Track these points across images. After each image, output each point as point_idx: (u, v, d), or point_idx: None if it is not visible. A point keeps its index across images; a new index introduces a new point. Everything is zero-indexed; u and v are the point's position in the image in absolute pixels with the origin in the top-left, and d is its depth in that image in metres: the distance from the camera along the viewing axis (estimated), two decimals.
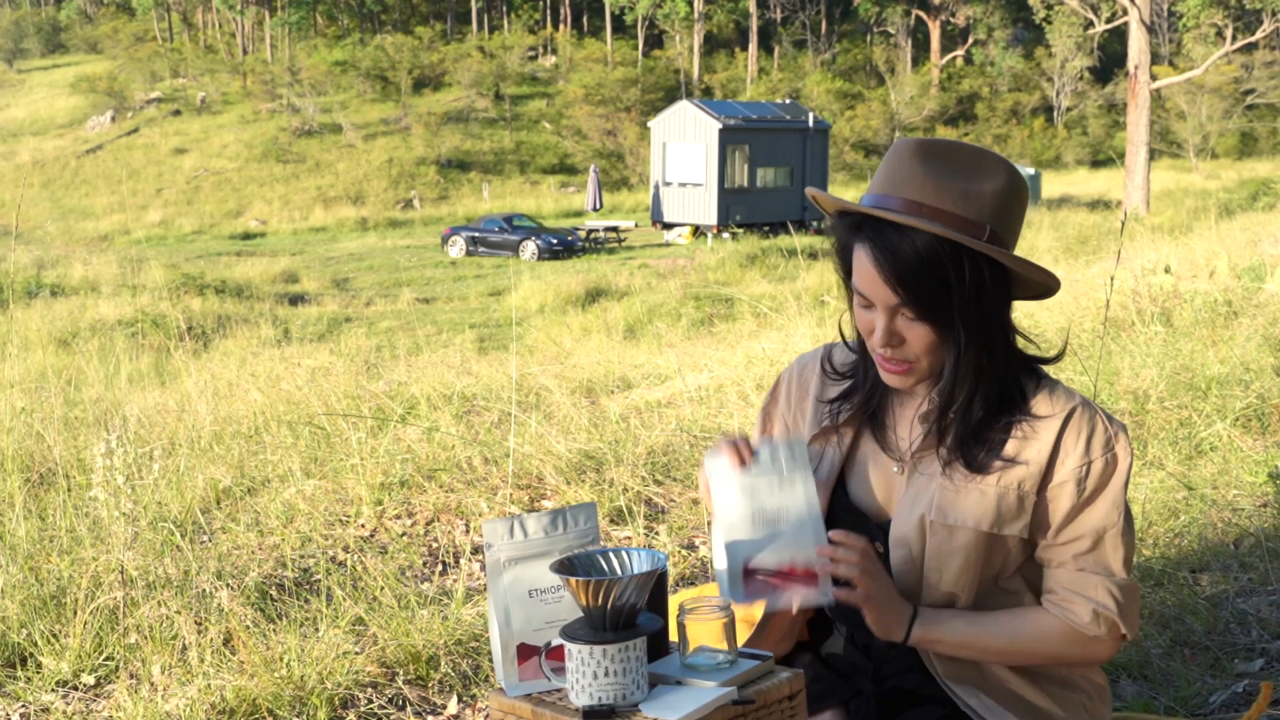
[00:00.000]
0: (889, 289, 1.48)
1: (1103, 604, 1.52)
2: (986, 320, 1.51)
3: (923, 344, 1.51)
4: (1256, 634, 2.94)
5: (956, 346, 1.51)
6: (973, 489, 1.54)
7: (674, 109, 31.90)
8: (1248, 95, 47.99)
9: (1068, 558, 1.53)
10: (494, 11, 66.77)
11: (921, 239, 1.45)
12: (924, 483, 1.57)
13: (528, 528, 1.46)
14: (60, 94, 54.59)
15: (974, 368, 1.52)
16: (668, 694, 1.35)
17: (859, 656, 1.66)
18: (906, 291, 1.47)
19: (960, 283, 1.47)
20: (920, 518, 1.55)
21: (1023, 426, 1.54)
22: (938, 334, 1.50)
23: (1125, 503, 1.55)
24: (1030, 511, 1.53)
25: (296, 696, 2.65)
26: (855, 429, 1.64)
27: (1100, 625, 1.52)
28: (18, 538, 3.46)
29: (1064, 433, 1.52)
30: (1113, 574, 1.53)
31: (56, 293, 18.21)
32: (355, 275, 24.12)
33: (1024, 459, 1.53)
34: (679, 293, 16.92)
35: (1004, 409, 1.55)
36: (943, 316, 1.49)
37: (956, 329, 1.50)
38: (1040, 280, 1.52)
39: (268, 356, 8.60)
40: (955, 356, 1.52)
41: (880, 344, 1.53)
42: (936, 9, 59.34)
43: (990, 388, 1.54)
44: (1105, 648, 1.54)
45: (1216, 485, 4.06)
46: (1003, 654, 1.55)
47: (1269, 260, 8.24)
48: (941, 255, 1.46)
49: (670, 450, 4.62)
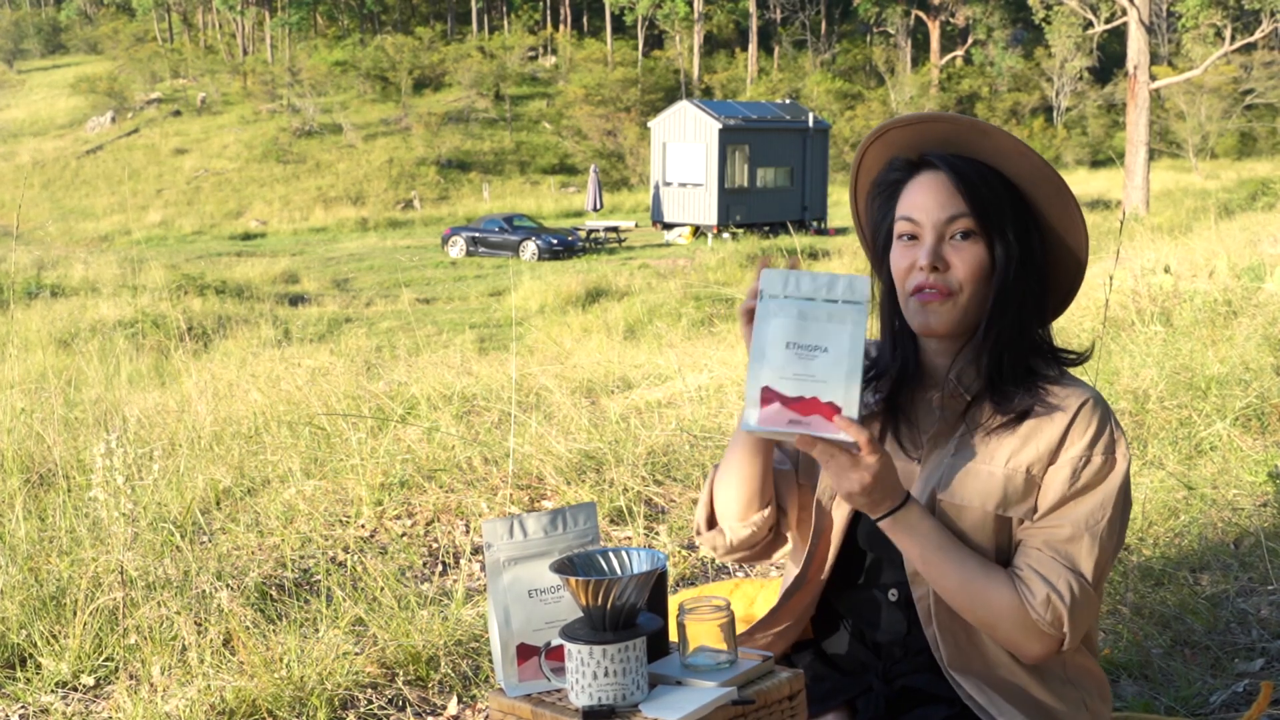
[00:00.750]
0: (954, 194, 1.53)
1: (1060, 593, 1.49)
2: (1035, 273, 1.55)
3: (968, 268, 1.53)
4: (1257, 633, 2.94)
5: (1006, 278, 1.54)
6: (981, 470, 1.54)
7: (674, 109, 31.91)
8: (1247, 95, 47.99)
9: (1041, 542, 1.52)
10: (494, 12, 66.78)
11: (981, 165, 1.54)
12: (935, 464, 1.58)
13: (527, 528, 1.46)
14: (60, 95, 54.60)
15: (1016, 313, 1.55)
16: (668, 694, 1.35)
17: (867, 655, 1.65)
18: (971, 196, 1.52)
19: (1016, 215, 1.54)
20: (931, 496, 1.55)
21: (1038, 410, 1.55)
22: (987, 258, 1.53)
23: (1117, 519, 1.53)
24: (1035, 495, 1.54)
25: (296, 697, 2.65)
26: (878, 425, 1.64)
27: (1048, 613, 1.49)
28: (18, 538, 3.46)
29: (1074, 422, 1.53)
30: (1079, 572, 1.51)
31: (57, 293, 18.20)
32: (355, 275, 24.12)
33: (1035, 443, 1.54)
34: (679, 293, 16.92)
35: (1030, 381, 1.57)
36: (996, 231, 1.53)
37: (1010, 257, 1.53)
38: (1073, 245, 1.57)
39: (268, 357, 8.60)
40: (1003, 291, 1.54)
41: (924, 264, 1.54)
42: (936, 9, 59.34)
43: (1022, 347, 1.57)
44: (1040, 641, 1.50)
45: (1216, 485, 4.06)
46: (947, 590, 1.52)
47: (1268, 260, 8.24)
48: (999, 181, 1.54)
49: (670, 450, 4.62)
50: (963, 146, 1.56)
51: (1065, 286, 1.63)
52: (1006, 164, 1.54)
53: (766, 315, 1.42)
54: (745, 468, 1.62)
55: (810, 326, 1.40)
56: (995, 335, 1.55)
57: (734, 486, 1.64)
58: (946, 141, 1.57)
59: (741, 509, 1.65)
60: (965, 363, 1.58)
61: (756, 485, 1.63)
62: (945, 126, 1.56)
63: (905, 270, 1.57)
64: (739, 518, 1.66)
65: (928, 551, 1.52)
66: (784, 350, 1.40)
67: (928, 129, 1.57)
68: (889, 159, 1.61)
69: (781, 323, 1.41)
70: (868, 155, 1.63)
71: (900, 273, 1.57)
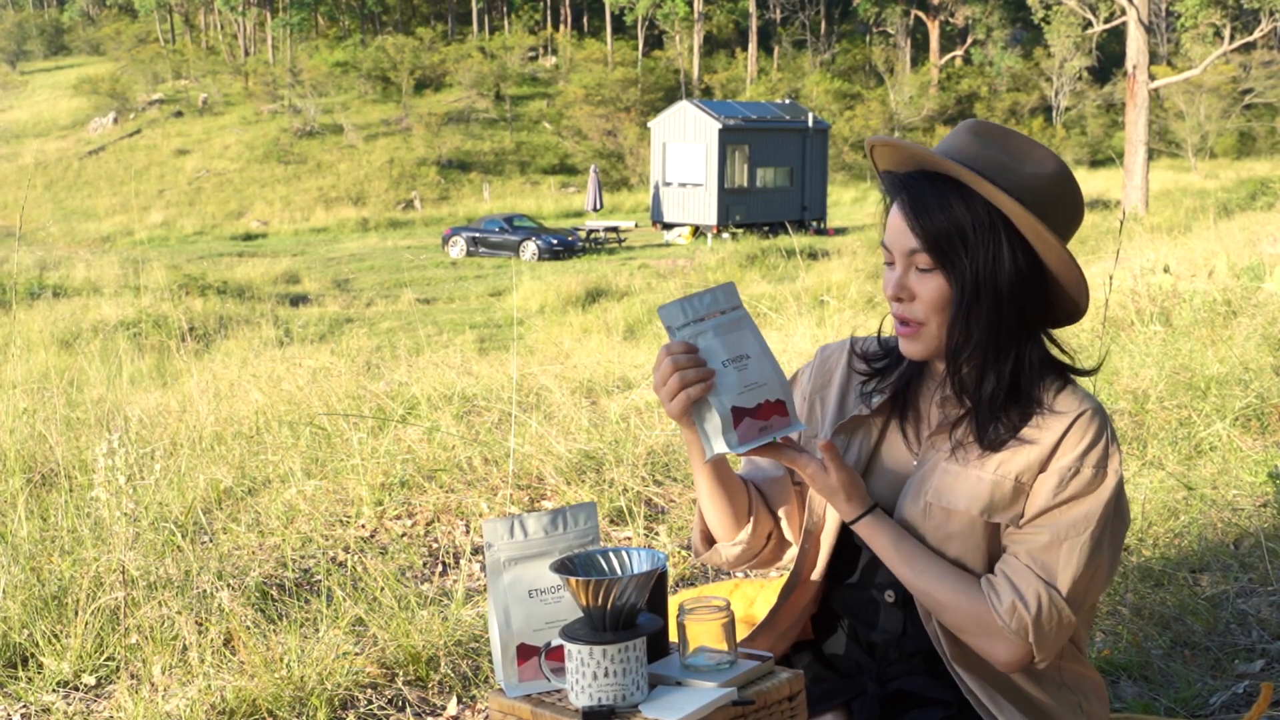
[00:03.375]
0: (908, 229, 1.52)
1: (1026, 602, 1.48)
2: (1002, 297, 1.51)
3: (930, 299, 1.53)
4: (1257, 634, 2.94)
5: (964, 309, 1.51)
6: (971, 474, 1.54)
7: (674, 109, 31.90)
8: (1246, 95, 47.97)
9: (1021, 549, 1.52)
10: (494, 12, 66.76)
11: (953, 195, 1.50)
12: (930, 466, 1.58)
13: (528, 528, 1.47)
14: (63, 96, 54.61)
15: (982, 340, 1.52)
16: (668, 694, 1.36)
17: (863, 656, 1.66)
18: (923, 230, 1.50)
19: (978, 240, 1.49)
20: (922, 500, 1.56)
21: (1037, 420, 1.54)
22: (947, 289, 1.51)
23: (1106, 536, 1.51)
24: (1023, 502, 1.54)
25: (296, 697, 2.66)
26: (884, 419, 1.65)
27: (1012, 620, 1.48)
28: (20, 538, 3.46)
29: (1068, 432, 1.52)
30: (1054, 584, 1.49)
31: (59, 294, 18.20)
32: (356, 276, 24.12)
33: (1027, 451, 1.53)
34: (679, 293, 16.91)
35: (1019, 401, 1.55)
36: (952, 267, 1.51)
37: (965, 289, 1.50)
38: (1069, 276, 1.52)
39: (269, 357, 8.60)
40: (964, 321, 1.51)
41: (890, 295, 1.56)
42: (935, 9, 59.32)
43: (1003, 370, 1.54)
44: (1006, 649, 1.50)
45: (1216, 485, 4.06)
46: (917, 592, 1.55)
47: (1268, 259, 8.24)
48: (971, 211, 1.49)
49: (670, 450, 4.62)
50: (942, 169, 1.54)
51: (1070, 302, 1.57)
52: (978, 187, 1.52)
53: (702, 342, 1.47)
54: (713, 494, 1.64)
55: (728, 340, 1.46)
56: (964, 361, 1.54)
57: (711, 513, 1.66)
58: (928, 160, 1.55)
59: (726, 531, 1.67)
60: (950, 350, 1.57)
61: (729, 507, 1.64)
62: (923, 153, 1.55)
63: (887, 294, 1.61)
64: (726, 538, 1.68)
65: (897, 556, 1.54)
66: (724, 369, 1.45)
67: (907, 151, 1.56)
68: (883, 169, 1.62)
69: (706, 345, 1.45)
70: (875, 155, 1.64)
71: (886, 290, 1.61)
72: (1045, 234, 1.49)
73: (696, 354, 1.44)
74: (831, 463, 1.53)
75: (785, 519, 1.71)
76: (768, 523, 1.69)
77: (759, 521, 1.67)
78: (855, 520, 1.56)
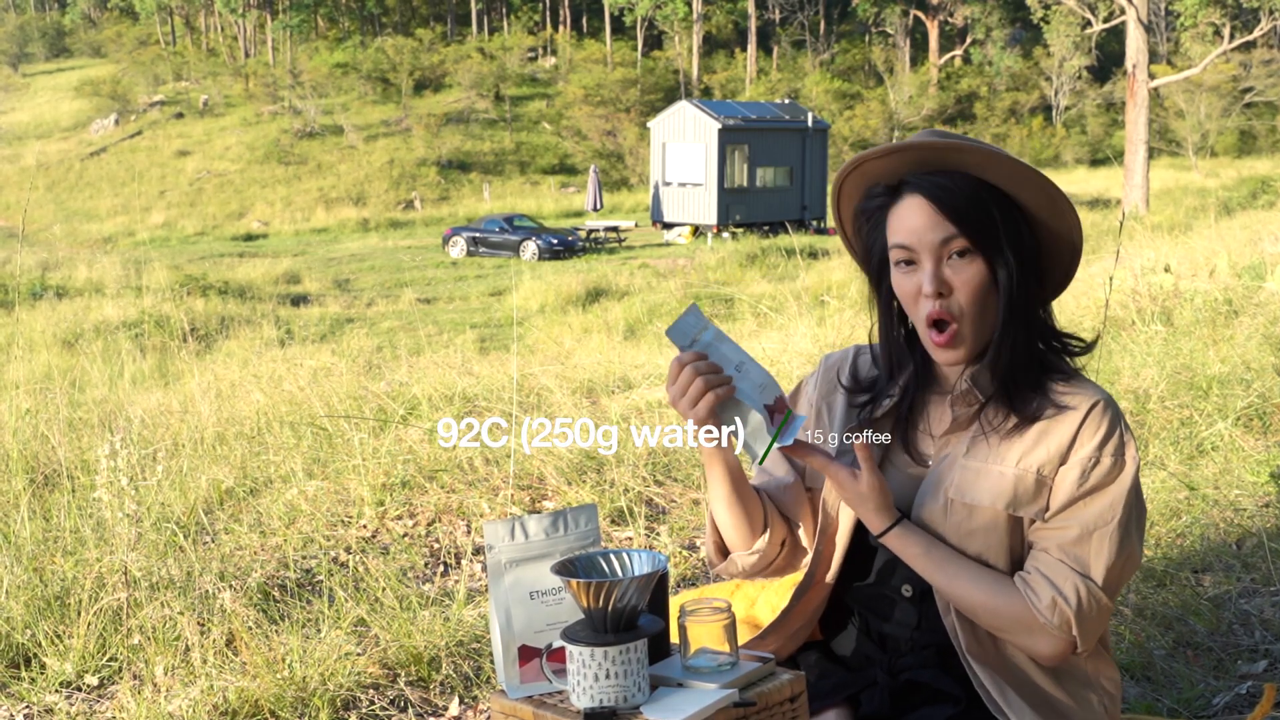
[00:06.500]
0: (937, 218, 1.52)
1: (1065, 596, 1.50)
2: (1026, 268, 1.55)
3: (970, 288, 1.54)
4: (1260, 635, 2.94)
5: (1011, 283, 1.54)
6: (992, 470, 1.55)
7: (673, 109, 31.90)
8: (1246, 93, 47.93)
9: (1052, 544, 1.53)
10: (494, 13, 66.75)
11: (962, 179, 1.53)
12: (948, 464, 1.59)
13: (529, 529, 1.47)
14: (64, 97, 54.64)
15: (1023, 310, 1.55)
16: (669, 696, 1.36)
17: (873, 649, 1.66)
18: (956, 214, 1.52)
19: (1002, 212, 1.53)
20: (943, 497, 1.57)
21: (1050, 412, 1.56)
22: (986, 272, 1.53)
23: (1130, 521, 1.53)
24: (1046, 495, 1.55)
25: (298, 698, 2.66)
26: (890, 425, 1.65)
27: (1054, 616, 1.50)
28: (22, 538, 3.47)
29: (1084, 423, 1.54)
30: (1089, 575, 1.51)
31: (61, 294, 18.20)
32: (357, 276, 24.12)
33: (1046, 443, 1.55)
34: (679, 292, 16.92)
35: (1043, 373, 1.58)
36: (992, 246, 1.53)
37: (1010, 261, 1.53)
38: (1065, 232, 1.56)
39: (270, 357, 8.60)
40: (1008, 297, 1.54)
41: (929, 292, 1.54)
42: (935, 9, 59.30)
43: (1033, 342, 1.58)
44: (1049, 643, 1.52)
45: (1218, 485, 4.06)
46: (955, 597, 1.55)
47: (1269, 258, 8.23)
48: (983, 191, 1.53)
49: (671, 451, 4.62)
50: (939, 164, 1.56)
51: (1062, 269, 1.63)
52: (985, 172, 1.55)
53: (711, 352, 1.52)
54: (730, 504, 1.64)
55: (725, 350, 1.50)
56: (1010, 346, 1.57)
57: (727, 523, 1.67)
58: (922, 162, 1.57)
59: (742, 540, 1.67)
60: (979, 369, 1.60)
61: (745, 516, 1.65)
62: (917, 151, 1.56)
63: (913, 296, 1.58)
64: (742, 547, 1.68)
65: (930, 561, 1.55)
66: (738, 374, 1.51)
67: (901, 155, 1.57)
68: (867, 187, 1.62)
69: (716, 356, 1.50)
70: (846, 185, 1.63)
71: (908, 299, 1.59)
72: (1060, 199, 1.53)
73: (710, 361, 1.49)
74: (865, 464, 1.54)
75: (801, 524, 1.71)
76: (782, 530, 1.70)
77: (774, 529, 1.68)
78: (884, 532, 1.56)
